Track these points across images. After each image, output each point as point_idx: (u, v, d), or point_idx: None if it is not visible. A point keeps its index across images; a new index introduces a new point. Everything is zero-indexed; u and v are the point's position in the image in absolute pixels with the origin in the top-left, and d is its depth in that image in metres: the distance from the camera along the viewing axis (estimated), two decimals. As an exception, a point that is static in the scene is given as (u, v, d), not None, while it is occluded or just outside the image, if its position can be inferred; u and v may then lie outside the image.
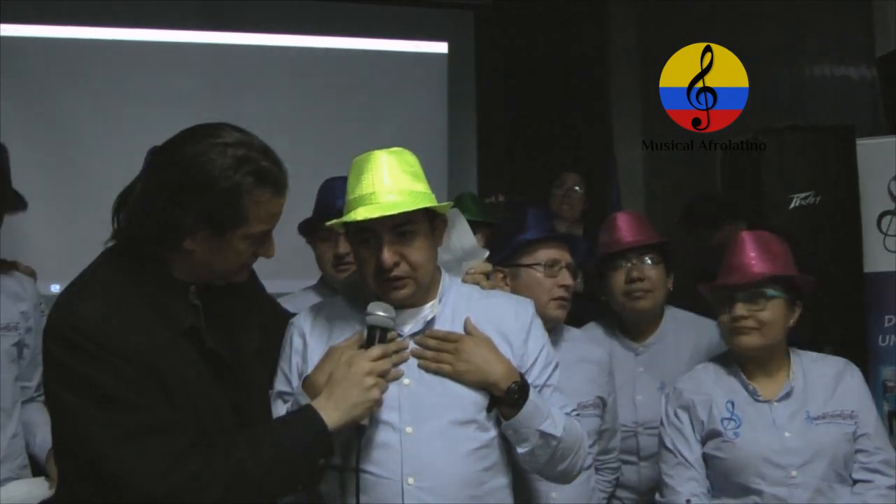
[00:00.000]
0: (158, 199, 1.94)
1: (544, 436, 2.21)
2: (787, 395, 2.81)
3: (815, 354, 2.94)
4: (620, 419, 3.16)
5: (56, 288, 4.83)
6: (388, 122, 6.14)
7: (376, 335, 2.16)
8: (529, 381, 2.26)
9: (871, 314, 3.97)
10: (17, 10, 5.55)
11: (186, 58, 5.97)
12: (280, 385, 2.28)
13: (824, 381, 2.82)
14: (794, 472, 2.72)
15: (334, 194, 3.19)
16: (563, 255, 2.91)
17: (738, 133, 3.57)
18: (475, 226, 3.23)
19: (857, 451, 2.74)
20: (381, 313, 2.16)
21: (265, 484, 1.97)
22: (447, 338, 2.24)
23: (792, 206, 3.97)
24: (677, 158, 4.09)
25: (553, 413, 2.24)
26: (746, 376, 2.86)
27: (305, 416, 2.04)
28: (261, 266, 2.35)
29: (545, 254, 2.89)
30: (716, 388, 2.88)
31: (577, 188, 5.17)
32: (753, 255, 2.84)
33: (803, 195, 3.97)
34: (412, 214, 2.16)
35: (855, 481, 2.74)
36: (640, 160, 6.97)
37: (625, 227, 3.24)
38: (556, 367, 2.37)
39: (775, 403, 2.81)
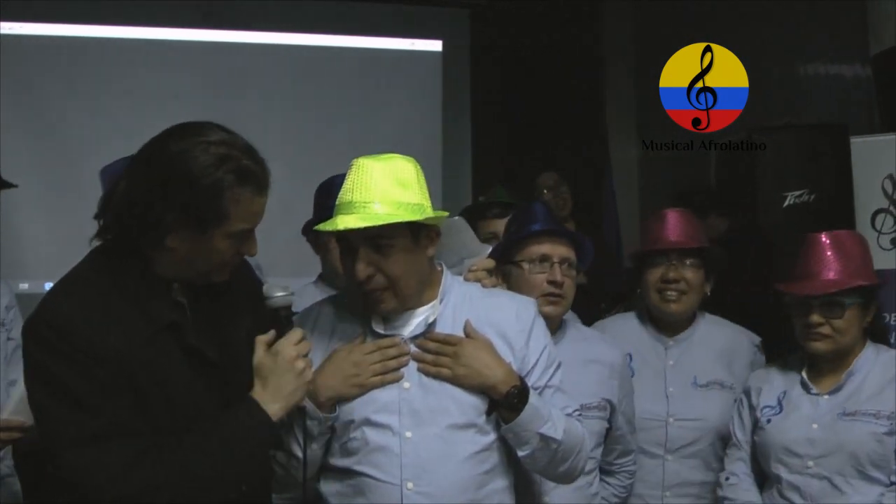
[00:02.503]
0: (141, 195, 1.94)
1: (544, 439, 2.20)
2: (837, 390, 2.84)
3: (894, 352, 2.93)
4: (652, 410, 3.15)
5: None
6: (382, 120, 6.14)
7: (283, 316, 2.12)
8: (530, 382, 2.25)
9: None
10: (15, 8, 5.55)
11: (182, 56, 5.97)
12: None
13: (882, 379, 2.82)
14: (810, 463, 2.78)
15: (332, 193, 3.19)
16: (557, 251, 2.82)
17: (732, 132, 3.58)
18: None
19: None
20: (280, 293, 2.12)
21: (216, 480, 1.97)
22: (447, 341, 2.21)
23: (786, 204, 3.98)
24: (672, 157, 4.09)
25: (553, 416, 2.23)
26: (812, 369, 2.91)
27: (248, 410, 2.02)
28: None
29: (535, 249, 2.82)
30: (777, 378, 2.97)
31: (559, 188, 5.19)
32: (830, 260, 2.84)
33: (797, 193, 3.98)
34: (388, 227, 2.12)
35: (891, 482, 2.74)
36: (636, 159, 6.98)
37: (672, 225, 3.20)
38: (559, 367, 2.34)
39: (825, 397, 2.85)
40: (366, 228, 2.10)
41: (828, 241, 2.88)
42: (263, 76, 6.11)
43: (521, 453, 2.22)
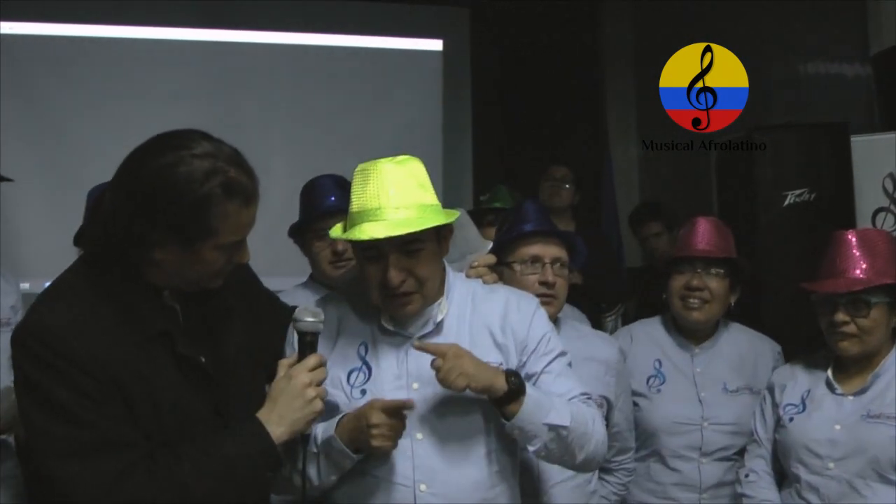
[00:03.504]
0: (126, 211, 1.89)
1: (553, 428, 2.16)
2: (863, 392, 2.81)
3: None
4: (686, 414, 3.17)
5: (51, 286, 4.83)
6: (382, 120, 6.14)
7: (307, 342, 2.10)
8: (527, 368, 2.24)
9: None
10: (15, 8, 5.55)
11: (182, 55, 5.97)
12: None
13: None
14: (831, 464, 2.75)
15: (321, 193, 3.18)
16: (548, 251, 2.82)
17: (732, 131, 3.58)
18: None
19: None
20: (309, 319, 2.10)
21: (210, 500, 1.94)
22: (440, 350, 2.15)
23: (786, 203, 3.98)
24: (672, 156, 4.11)
25: (555, 403, 2.19)
26: (839, 369, 2.88)
27: (251, 431, 2.01)
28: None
29: (526, 251, 2.82)
30: (802, 376, 2.94)
31: (563, 182, 5.19)
32: (858, 258, 2.81)
33: (797, 192, 3.97)
34: (420, 232, 2.11)
35: None
36: (636, 157, 6.98)
37: (702, 233, 3.21)
38: (560, 355, 2.32)
39: (850, 398, 2.82)
40: (397, 235, 2.09)
41: (855, 239, 2.84)
42: (264, 76, 6.11)
43: (532, 448, 2.19)
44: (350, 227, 2.17)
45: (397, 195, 2.11)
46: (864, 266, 2.79)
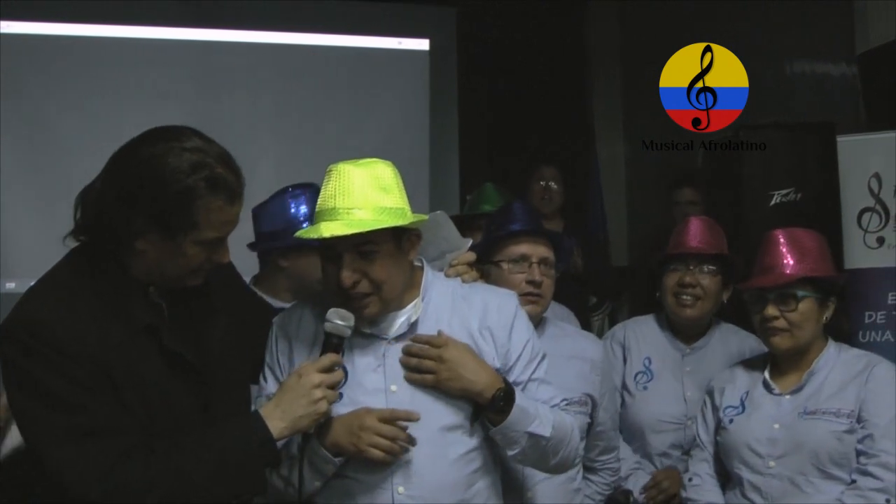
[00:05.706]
0: (112, 197, 1.94)
1: (533, 437, 2.20)
2: (799, 390, 2.86)
3: (856, 351, 2.98)
4: (671, 413, 3.21)
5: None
6: (369, 119, 6.13)
7: (332, 344, 2.12)
8: (513, 376, 2.25)
9: (851, 311, 3.98)
10: (7, 7, 5.53)
11: (170, 55, 5.95)
12: (271, 387, 2.26)
13: (842, 377, 2.84)
14: (771, 463, 2.80)
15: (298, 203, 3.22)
16: (536, 250, 2.85)
17: (719, 130, 3.59)
18: None
19: (859, 452, 2.74)
20: (338, 321, 2.12)
21: (205, 490, 1.95)
22: (430, 342, 2.20)
23: (772, 202, 3.99)
24: (658, 153, 4.10)
25: (541, 412, 2.22)
26: (775, 369, 2.94)
27: (252, 424, 2.02)
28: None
29: (515, 249, 2.84)
30: (741, 378, 2.99)
31: (552, 184, 5.19)
32: (785, 254, 2.89)
33: (784, 192, 3.98)
34: (374, 233, 2.10)
35: (851, 481, 2.75)
36: (622, 155, 6.99)
37: (693, 232, 3.26)
38: (543, 359, 2.34)
39: (787, 396, 2.87)
40: (351, 235, 2.08)
41: (783, 238, 2.92)
42: (251, 75, 6.10)
43: (510, 453, 2.22)
44: (311, 227, 2.18)
45: (355, 196, 2.11)
46: (790, 262, 2.88)
